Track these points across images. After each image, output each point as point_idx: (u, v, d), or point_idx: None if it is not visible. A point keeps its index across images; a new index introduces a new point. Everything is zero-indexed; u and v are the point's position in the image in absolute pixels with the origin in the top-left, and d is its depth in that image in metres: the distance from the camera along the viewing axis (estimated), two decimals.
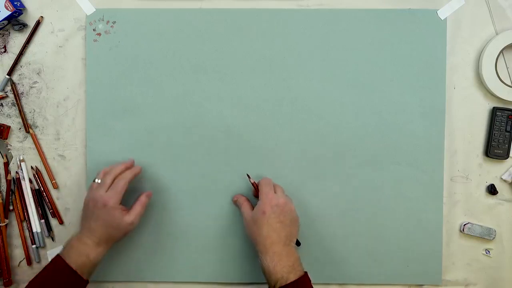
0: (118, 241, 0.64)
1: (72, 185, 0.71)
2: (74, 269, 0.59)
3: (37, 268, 0.71)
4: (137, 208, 0.64)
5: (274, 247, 0.59)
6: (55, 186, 0.71)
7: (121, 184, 0.63)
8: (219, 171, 0.70)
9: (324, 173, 0.70)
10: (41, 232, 0.71)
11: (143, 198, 0.66)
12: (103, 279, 0.71)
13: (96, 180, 0.64)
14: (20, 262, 0.72)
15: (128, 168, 0.67)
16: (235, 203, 0.68)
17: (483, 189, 0.71)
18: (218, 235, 0.70)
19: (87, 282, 0.61)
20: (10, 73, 0.71)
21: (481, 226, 0.70)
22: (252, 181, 0.67)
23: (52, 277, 0.60)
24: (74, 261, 0.60)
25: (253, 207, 0.64)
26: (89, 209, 0.63)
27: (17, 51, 0.70)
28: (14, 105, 0.71)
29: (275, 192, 0.63)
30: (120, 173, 0.65)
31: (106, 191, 0.62)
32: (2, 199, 0.70)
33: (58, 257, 0.60)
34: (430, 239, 0.70)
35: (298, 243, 0.68)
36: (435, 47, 0.69)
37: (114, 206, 0.61)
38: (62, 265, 0.59)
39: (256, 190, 0.66)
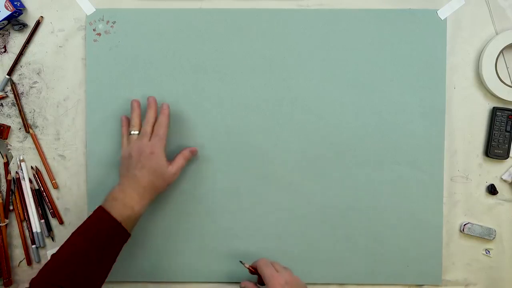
0: (161, 193, 0.64)
1: (72, 185, 0.71)
2: (119, 222, 0.58)
3: (37, 268, 0.71)
4: (180, 161, 0.65)
5: None
6: (55, 186, 0.71)
7: (163, 131, 0.64)
8: (219, 171, 0.70)
9: (324, 173, 0.70)
10: (41, 232, 0.71)
11: (186, 152, 0.66)
12: None
13: (133, 132, 0.65)
14: (20, 262, 0.72)
15: (155, 110, 0.66)
16: None
17: (483, 189, 0.71)
18: (218, 235, 0.70)
19: (129, 236, 0.60)
20: (10, 73, 0.71)
21: (481, 226, 0.70)
22: (247, 266, 0.65)
23: (97, 230, 0.58)
24: (119, 214, 0.59)
25: None
26: (133, 159, 0.62)
27: (17, 51, 0.70)
28: (14, 105, 0.71)
29: (276, 270, 0.61)
30: (154, 119, 0.65)
31: (150, 140, 0.63)
32: (2, 199, 0.70)
33: (101, 210, 0.59)
34: (430, 239, 0.70)
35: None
36: (435, 47, 0.69)
37: (161, 153, 0.62)
38: (107, 218, 0.58)
39: (254, 273, 0.64)
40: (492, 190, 0.70)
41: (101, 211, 0.59)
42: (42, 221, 0.71)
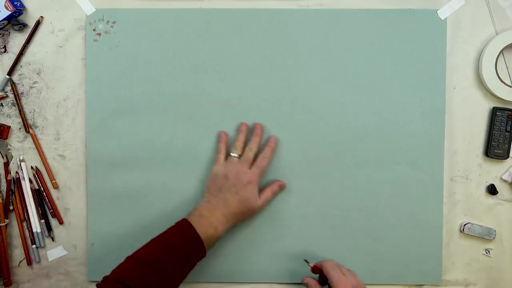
0: (244, 221, 0.64)
1: (72, 185, 0.71)
2: (202, 239, 0.58)
3: (37, 268, 0.71)
4: (268, 194, 0.65)
5: None
6: (55, 186, 0.71)
7: (265, 164, 0.65)
8: None
9: (324, 173, 0.70)
10: (41, 232, 0.71)
11: (275, 186, 0.66)
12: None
13: (233, 154, 0.65)
14: (20, 262, 0.72)
15: (261, 139, 0.67)
16: (306, 285, 0.65)
17: (483, 189, 0.71)
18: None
19: (205, 255, 0.60)
20: (10, 73, 0.71)
21: (481, 226, 0.70)
22: (312, 265, 0.64)
23: (179, 242, 0.58)
24: (204, 231, 0.59)
25: None
26: (228, 182, 0.62)
27: (17, 51, 0.70)
28: (14, 105, 0.71)
29: (342, 273, 0.61)
30: (258, 148, 0.66)
31: (250, 168, 0.63)
32: (2, 199, 0.70)
33: (186, 223, 0.59)
34: (430, 239, 0.70)
35: None
36: (435, 47, 0.69)
37: (257, 185, 0.62)
38: (191, 232, 0.58)
39: (317, 272, 0.64)
40: (492, 190, 0.70)
41: (186, 224, 0.59)
42: (42, 221, 0.71)
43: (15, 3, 0.68)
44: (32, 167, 0.71)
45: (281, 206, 0.70)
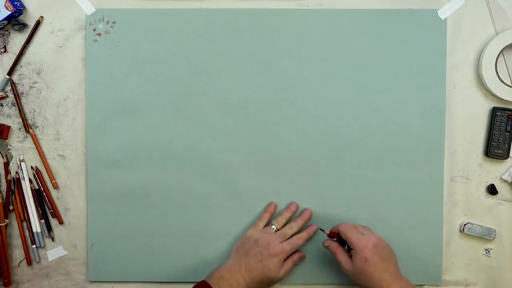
0: None
1: (72, 185, 0.71)
2: None
3: (37, 268, 0.71)
4: (289, 266, 0.65)
5: (391, 286, 0.58)
6: (55, 186, 0.71)
7: (298, 243, 0.65)
8: (219, 170, 0.70)
9: (324, 173, 0.70)
10: (41, 232, 0.71)
11: (296, 257, 0.66)
12: (103, 279, 0.71)
13: (273, 226, 0.66)
14: (20, 262, 0.72)
15: (303, 223, 0.67)
16: (327, 248, 0.66)
17: (483, 189, 0.71)
18: (218, 234, 0.70)
19: None
20: (10, 73, 0.71)
21: (481, 226, 0.70)
22: (328, 232, 0.65)
23: None
24: None
25: (347, 253, 0.62)
26: (257, 249, 0.63)
27: (17, 51, 0.70)
28: (14, 105, 0.71)
29: (361, 233, 0.61)
30: (298, 229, 0.66)
31: (282, 242, 0.63)
32: (2, 199, 0.70)
33: (206, 285, 0.60)
34: (430, 239, 0.70)
35: None
36: (435, 47, 0.69)
37: (281, 259, 0.62)
38: None
39: (335, 238, 0.65)
40: (492, 190, 0.70)
41: (206, 286, 0.60)
42: (42, 221, 0.71)
43: (15, 3, 0.68)
44: (32, 167, 0.71)
45: (280, 205, 0.70)
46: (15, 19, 0.70)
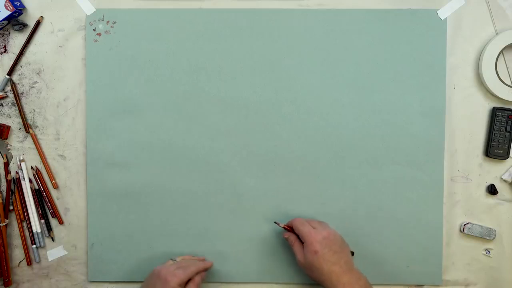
0: None
1: (72, 185, 0.71)
2: None
3: (37, 268, 0.71)
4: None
5: (341, 279, 0.59)
6: (55, 186, 0.71)
7: (192, 270, 0.63)
8: (219, 171, 0.70)
9: (324, 173, 0.70)
10: (41, 232, 0.71)
11: (197, 279, 0.65)
12: (103, 279, 0.71)
13: (173, 258, 0.66)
14: (20, 262, 0.72)
15: (207, 267, 0.68)
16: (287, 239, 0.67)
17: (483, 189, 0.71)
18: (218, 234, 0.70)
19: None
20: (10, 73, 0.71)
21: (481, 226, 0.70)
22: (282, 226, 0.67)
23: None
24: None
25: (302, 247, 0.63)
26: (152, 280, 0.62)
27: (17, 51, 0.70)
28: (14, 105, 0.71)
29: (313, 227, 0.63)
30: (198, 270, 0.65)
31: (175, 270, 0.62)
32: (2, 199, 0.70)
33: None
34: (430, 239, 0.70)
35: (352, 253, 0.68)
36: (435, 47, 0.69)
37: (174, 286, 0.60)
38: None
39: (290, 231, 0.66)
40: (492, 190, 0.70)
41: None
42: (42, 221, 0.71)
43: (15, 3, 0.68)
44: (32, 167, 0.71)
45: (280, 205, 0.70)
46: (15, 19, 0.70)
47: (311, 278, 0.62)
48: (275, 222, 0.67)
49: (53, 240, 0.72)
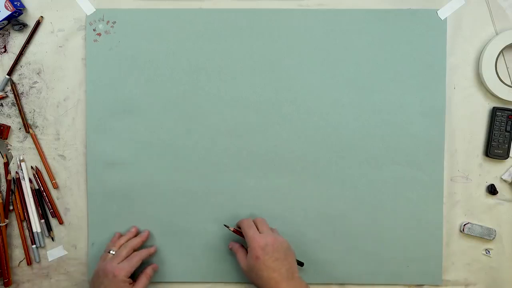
0: None
1: (72, 185, 0.71)
2: None
3: (37, 268, 0.71)
4: (143, 281, 0.65)
5: (280, 286, 0.58)
6: (55, 186, 0.71)
7: (136, 260, 0.64)
8: (219, 171, 0.70)
9: (324, 173, 0.70)
10: (41, 232, 0.71)
11: (149, 271, 0.66)
12: None
13: (111, 252, 0.65)
14: (20, 262, 0.72)
15: (143, 241, 0.68)
16: (231, 250, 0.67)
17: (483, 189, 0.71)
18: (219, 235, 0.70)
19: None
20: (10, 73, 0.71)
21: (481, 226, 0.70)
22: (232, 229, 0.66)
23: None
24: None
25: (246, 253, 0.63)
26: (99, 279, 0.62)
27: (17, 51, 0.70)
28: (14, 105, 0.71)
29: (260, 231, 0.63)
30: (136, 247, 0.66)
31: (119, 263, 0.63)
32: (2, 199, 0.70)
33: None
34: (430, 239, 0.70)
35: (301, 264, 0.68)
36: (435, 47, 0.69)
37: (123, 279, 0.61)
38: None
39: (240, 235, 0.66)
40: (492, 190, 0.70)
41: None
42: (42, 221, 0.71)
43: (15, 3, 0.68)
44: (32, 167, 0.71)
45: (280, 205, 0.70)
46: (15, 19, 0.70)
47: (252, 283, 0.61)
48: (224, 225, 0.67)
49: (53, 240, 0.72)
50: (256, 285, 0.61)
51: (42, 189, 0.71)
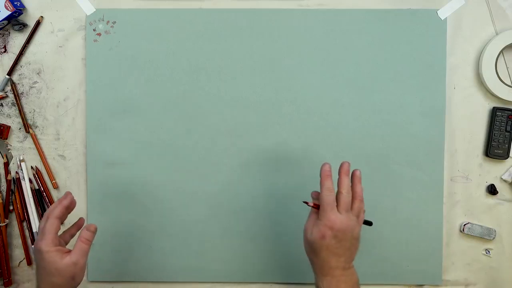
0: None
1: (72, 185, 0.71)
2: None
3: None
4: (79, 245, 0.56)
5: (332, 272, 0.55)
6: (55, 186, 0.71)
7: (48, 224, 0.55)
8: (219, 171, 0.70)
9: None
10: None
11: (84, 234, 0.57)
12: (103, 279, 0.71)
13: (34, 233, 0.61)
14: (20, 262, 0.72)
15: (65, 206, 0.58)
16: (309, 203, 0.60)
17: (483, 189, 0.71)
18: (218, 235, 0.70)
19: None
20: (10, 73, 0.71)
21: (481, 226, 0.70)
22: (311, 205, 0.60)
23: None
24: None
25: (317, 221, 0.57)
26: (37, 262, 0.55)
27: (17, 51, 0.70)
28: (14, 105, 0.71)
29: (338, 211, 0.56)
30: (59, 215, 0.57)
31: (39, 235, 0.56)
32: (2, 199, 0.70)
33: None
34: (430, 239, 0.70)
35: (370, 223, 0.61)
36: (435, 47, 0.69)
37: (46, 249, 0.53)
38: None
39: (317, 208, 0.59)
40: (492, 190, 0.70)
41: None
42: None
43: (15, 3, 0.68)
44: (32, 167, 0.71)
45: (281, 205, 0.70)
46: (15, 19, 0.70)
47: (305, 249, 0.58)
48: (304, 202, 0.60)
49: None
50: (308, 255, 0.58)
51: (42, 189, 0.71)
